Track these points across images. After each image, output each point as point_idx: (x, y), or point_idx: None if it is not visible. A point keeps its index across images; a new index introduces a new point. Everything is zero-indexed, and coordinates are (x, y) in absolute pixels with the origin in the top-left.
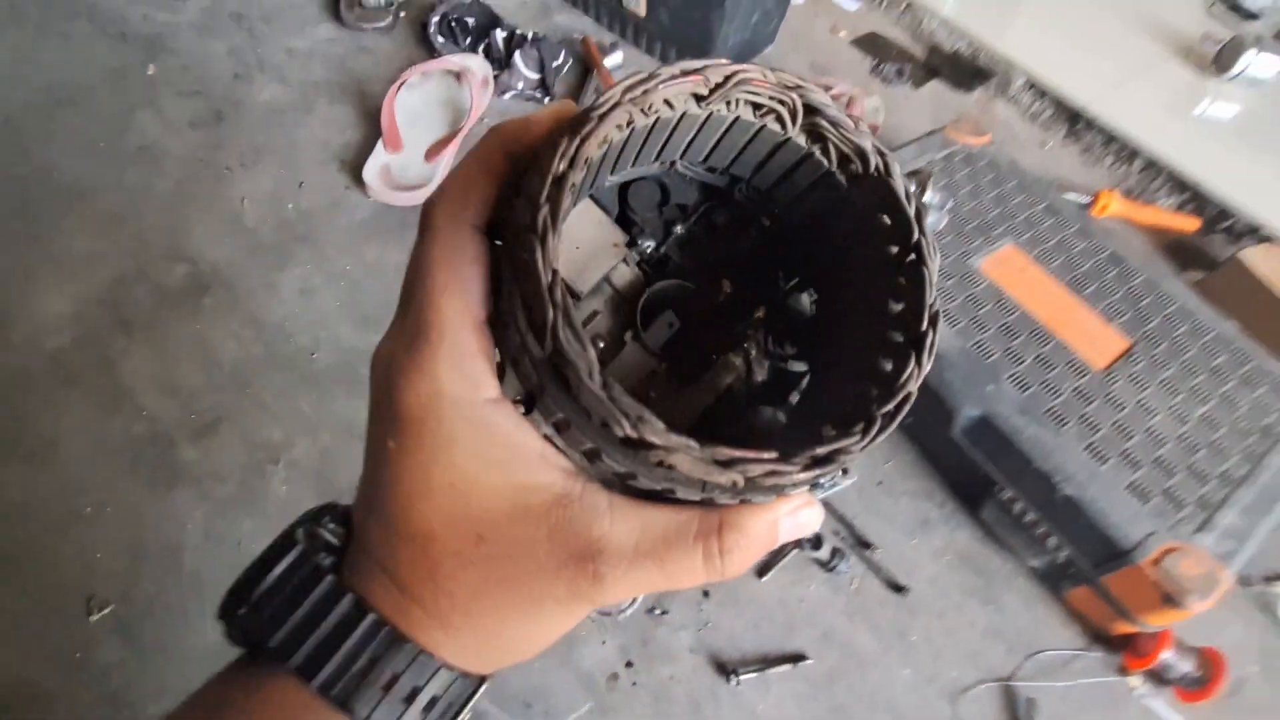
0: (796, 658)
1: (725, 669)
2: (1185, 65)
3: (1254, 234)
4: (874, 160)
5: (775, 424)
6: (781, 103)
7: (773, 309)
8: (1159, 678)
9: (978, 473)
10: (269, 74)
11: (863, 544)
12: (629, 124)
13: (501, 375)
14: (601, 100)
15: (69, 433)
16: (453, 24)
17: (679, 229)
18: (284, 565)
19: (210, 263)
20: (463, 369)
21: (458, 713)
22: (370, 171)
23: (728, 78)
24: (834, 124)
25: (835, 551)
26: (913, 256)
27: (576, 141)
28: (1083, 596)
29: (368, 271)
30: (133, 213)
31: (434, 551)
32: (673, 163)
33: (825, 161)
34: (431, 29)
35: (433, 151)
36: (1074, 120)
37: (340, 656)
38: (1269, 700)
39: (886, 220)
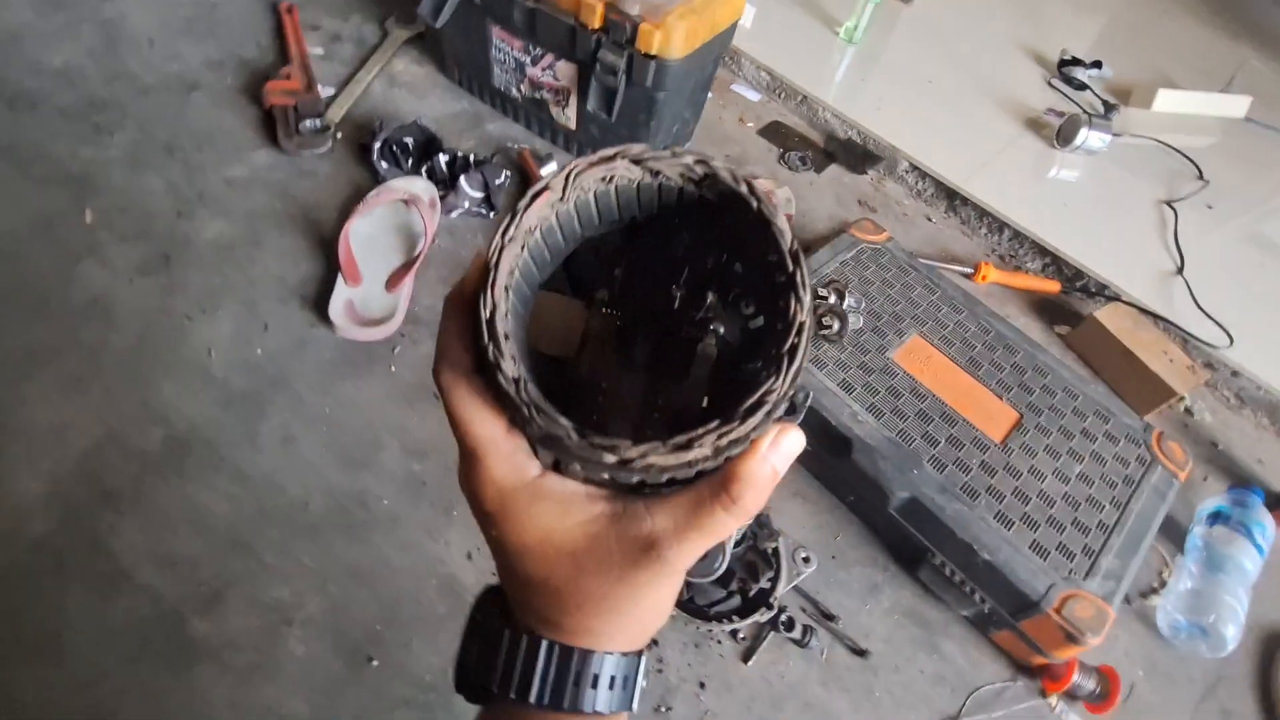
0: None
1: None
2: (1035, 139)
3: (1103, 292)
4: (698, 170)
5: (757, 374)
6: (613, 168)
7: (719, 286)
8: (1072, 696)
9: (913, 542)
10: (211, 208)
11: (827, 616)
12: (524, 248)
13: (537, 452)
14: (490, 252)
15: (71, 622)
16: (394, 148)
17: (618, 271)
18: (477, 642)
19: (186, 420)
20: (508, 467)
21: (635, 681)
22: (335, 309)
23: (566, 178)
24: (655, 159)
25: (806, 629)
26: (761, 216)
27: (489, 290)
28: (1006, 638)
29: (346, 411)
30: (95, 374)
31: (552, 589)
32: (580, 236)
33: (673, 184)
34: (374, 155)
35: (393, 281)
36: (951, 197)
37: (538, 677)
38: (1154, 698)
39: (733, 198)
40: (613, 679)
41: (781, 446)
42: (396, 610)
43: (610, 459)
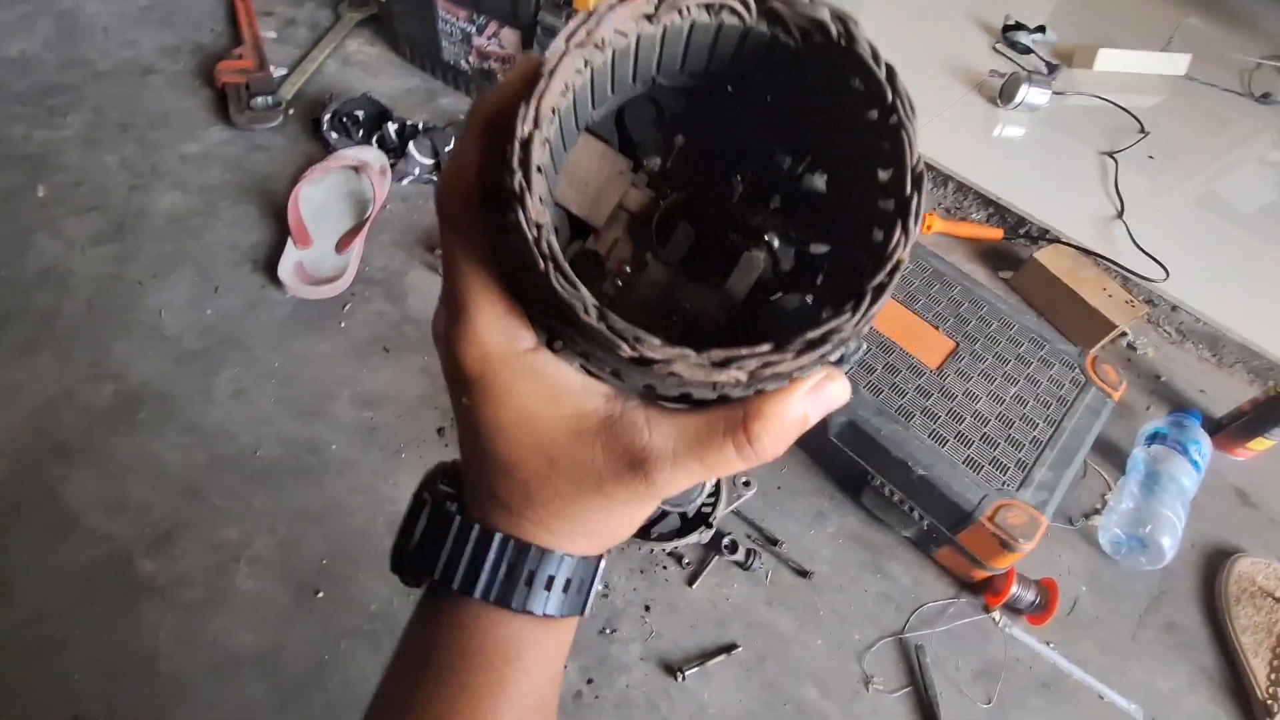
0: (730, 647)
1: (672, 669)
2: (979, 98)
3: (1045, 236)
4: (834, 28)
5: (804, 309)
6: None
7: (787, 195)
8: (1013, 609)
9: (854, 467)
10: (166, 181)
11: (771, 541)
12: (586, 65)
13: (534, 324)
14: (549, 54)
15: (20, 566)
16: (344, 119)
17: (679, 139)
18: (422, 521)
19: (138, 377)
20: (499, 330)
21: (591, 586)
22: (285, 269)
23: None
24: (785, 3)
25: (750, 552)
26: (893, 119)
27: (535, 102)
28: (947, 554)
29: (298, 365)
30: (47, 338)
31: (519, 477)
32: (653, 80)
33: (790, 42)
34: (324, 126)
35: (343, 243)
36: None
37: (487, 570)
38: (1097, 612)
39: (860, 85)
40: (568, 581)
41: (823, 393)
42: (345, 546)
43: (628, 352)
